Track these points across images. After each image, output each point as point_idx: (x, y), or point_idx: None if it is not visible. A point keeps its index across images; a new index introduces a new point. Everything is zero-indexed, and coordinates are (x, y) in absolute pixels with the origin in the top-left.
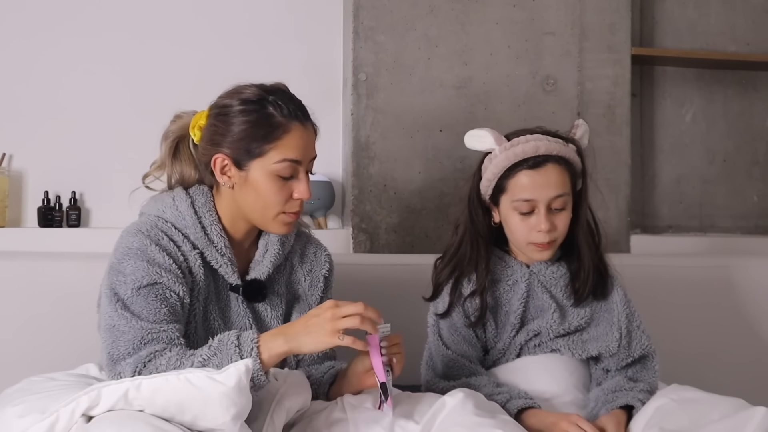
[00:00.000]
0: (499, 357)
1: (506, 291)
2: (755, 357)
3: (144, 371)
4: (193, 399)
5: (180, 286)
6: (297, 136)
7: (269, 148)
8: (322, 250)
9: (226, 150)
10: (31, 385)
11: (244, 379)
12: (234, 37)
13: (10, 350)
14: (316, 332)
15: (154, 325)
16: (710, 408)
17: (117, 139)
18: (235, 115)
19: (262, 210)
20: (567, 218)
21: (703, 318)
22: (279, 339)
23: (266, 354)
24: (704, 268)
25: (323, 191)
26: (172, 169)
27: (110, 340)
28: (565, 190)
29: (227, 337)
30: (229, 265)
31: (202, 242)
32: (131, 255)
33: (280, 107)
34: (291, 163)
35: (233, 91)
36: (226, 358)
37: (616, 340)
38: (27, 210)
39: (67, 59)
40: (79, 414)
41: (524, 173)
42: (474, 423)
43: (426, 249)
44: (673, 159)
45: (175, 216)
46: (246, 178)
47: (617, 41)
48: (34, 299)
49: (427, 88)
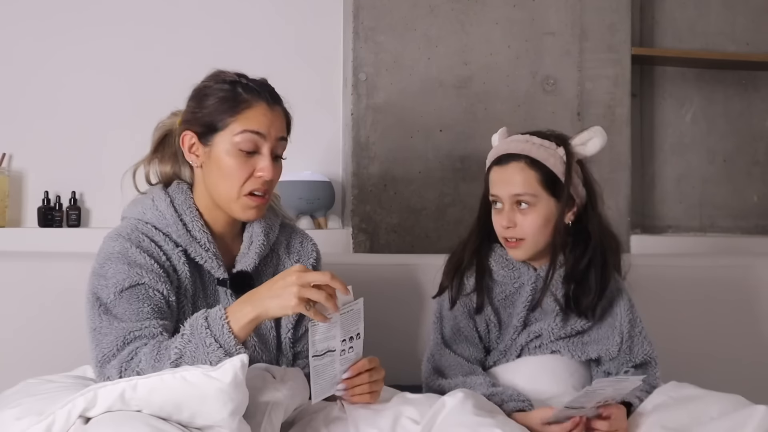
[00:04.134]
0: (500, 357)
1: (512, 292)
2: (755, 357)
3: (127, 371)
4: (190, 397)
5: (163, 285)
6: (260, 113)
7: (231, 120)
8: (308, 240)
9: (195, 127)
10: (29, 388)
11: (240, 374)
12: (234, 37)
13: (10, 350)
14: (282, 296)
15: (135, 324)
16: (709, 405)
17: (117, 139)
18: (208, 94)
19: (226, 189)
20: (536, 219)
21: (703, 318)
22: (246, 307)
23: (236, 326)
24: (704, 267)
25: (323, 191)
26: (151, 159)
27: (94, 344)
28: (529, 190)
29: (196, 320)
30: (214, 259)
31: (185, 239)
32: (112, 259)
33: (249, 87)
34: (252, 134)
35: (213, 74)
36: (200, 341)
37: (616, 344)
38: (27, 210)
39: (68, 60)
40: (76, 415)
41: (493, 170)
42: (474, 423)
43: (426, 249)
44: (673, 159)
45: (156, 216)
46: (210, 154)
47: (617, 41)
48: (34, 299)
49: (427, 88)
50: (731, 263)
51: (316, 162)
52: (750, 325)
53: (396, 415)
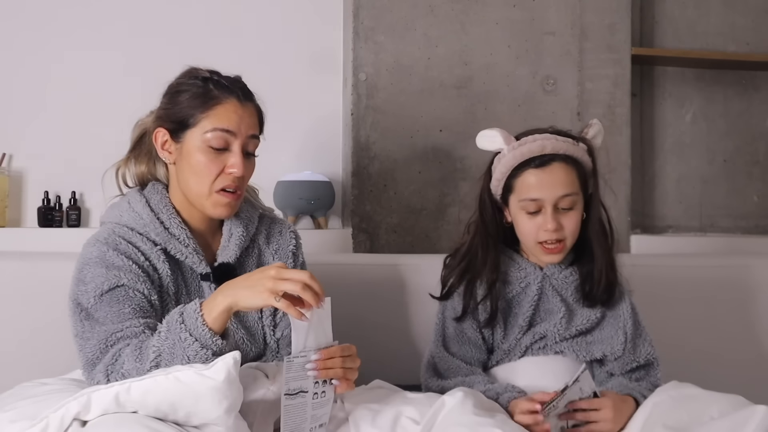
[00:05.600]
0: (503, 357)
1: (518, 293)
2: (755, 357)
3: (113, 374)
4: (184, 396)
5: (143, 285)
6: (231, 110)
7: (202, 117)
8: (287, 227)
9: (167, 124)
10: (23, 390)
11: (233, 371)
12: (234, 37)
13: (10, 350)
14: (255, 287)
15: (117, 326)
16: (709, 405)
17: (117, 140)
18: (181, 91)
19: (197, 186)
20: (576, 218)
21: (703, 318)
22: (218, 297)
23: (209, 317)
24: (704, 268)
25: (323, 191)
26: (127, 159)
27: (79, 349)
28: (573, 190)
29: (172, 316)
30: (195, 254)
31: (163, 237)
32: (90, 264)
33: (220, 84)
34: (222, 132)
35: (187, 71)
36: (176, 337)
37: (621, 343)
38: (27, 210)
39: (68, 59)
40: (69, 419)
41: (530, 172)
42: (473, 422)
43: (426, 249)
44: (673, 159)
45: (133, 218)
46: (181, 151)
47: (617, 41)
48: (34, 299)
49: (427, 88)
50: (731, 263)
51: (316, 162)
52: (750, 325)
53: (396, 415)
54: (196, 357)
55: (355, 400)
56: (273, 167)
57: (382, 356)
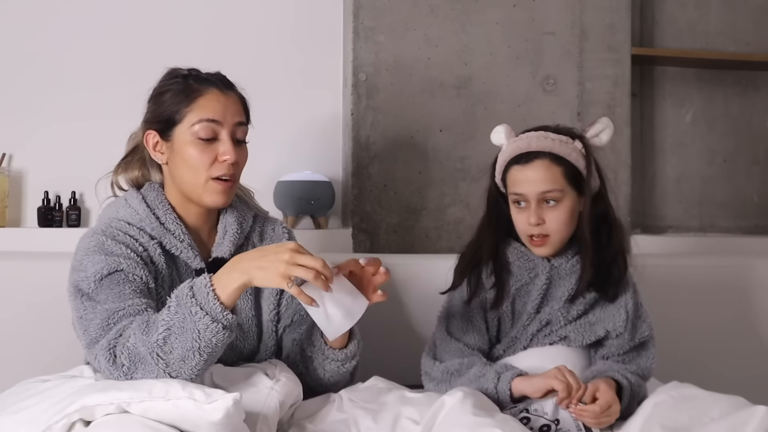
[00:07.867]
0: (508, 346)
1: (527, 282)
2: (755, 357)
3: (116, 347)
4: (183, 421)
5: (142, 270)
6: (213, 99)
7: (187, 111)
8: (279, 225)
9: (155, 125)
10: (25, 389)
11: (232, 411)
12: (234, 37)
13: (10, 350)
14: (269, 269)
15: (119, 304)
16: (710, 406)
17: (117, 140)
18: (163, 92)
19: (192, 178)
20: (561, 214)
21: (703, 318)
22: (233, 273)
23: (223, 293)
24: (704, 268)
25: (323, 191)
26: (118, 168)
27: (81, 331)
28: (555, 187)
29: (182, 290)
30: (190, 249)
31: (159, 232)
32: (89, 252)
33: (200, 78)
34: (208, 122)
35: (167, 72)
36: (187, 312)
37: (623, 320)
38: (27, 210)
39: (68, 59)
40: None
41: (515, 168)
42: (473, 422)
43: (426, 249)
44: (673, 159)
45: (129, 213)
46: (173, 148)
47: (617, 41)
48: (34, 299)
49: (427, 88)
50: (731, 263)
51: (316, 162)
52: (750, 325)
53: (396, 415)
54: (207, 330)
55: (355, 397)
56: (273, 167)
57: (381, 356)
